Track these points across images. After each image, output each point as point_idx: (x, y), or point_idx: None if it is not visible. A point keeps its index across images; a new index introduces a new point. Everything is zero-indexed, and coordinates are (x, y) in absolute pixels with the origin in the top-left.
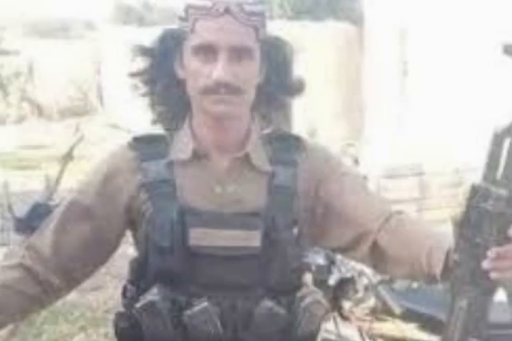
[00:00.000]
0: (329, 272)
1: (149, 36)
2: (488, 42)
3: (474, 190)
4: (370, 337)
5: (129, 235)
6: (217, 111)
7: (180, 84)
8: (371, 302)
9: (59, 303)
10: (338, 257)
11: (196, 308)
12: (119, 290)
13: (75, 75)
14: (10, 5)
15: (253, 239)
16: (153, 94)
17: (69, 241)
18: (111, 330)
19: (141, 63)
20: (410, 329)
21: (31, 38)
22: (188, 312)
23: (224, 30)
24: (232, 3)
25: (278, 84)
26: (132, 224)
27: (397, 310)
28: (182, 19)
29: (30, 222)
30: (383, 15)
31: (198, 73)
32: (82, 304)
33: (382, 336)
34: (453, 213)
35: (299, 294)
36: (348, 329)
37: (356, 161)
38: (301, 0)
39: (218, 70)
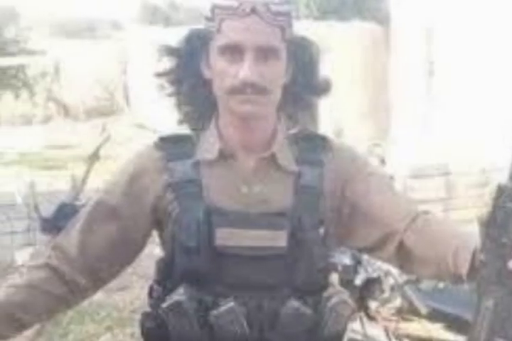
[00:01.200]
0: (355, 272)
1: (175, 36)
2: None
3: (500, 190)
4: (396, 337)
5: (155, 235)
6: (244, 111)
7: (207, 84)
8: (397, 302)
9: (85, 303)
10: (365, 257)
11: (222, 308)
12: (146, 290)
13: (102, 75)
14: (37, 5)
15: (279, 239)
16: (180, 94)
17: (95, 241)
18: (137, 330)
19: (167, 63)
20: (436, 329)
21: (58, 38)
22: (215, 312)
23: (250, 30)
24: (258, 3)
25: (304, 84)
26: (158, 224)
27: (424, 310)
28: (208, 19)
29: (56, 222)
30: (409, 15)
31: (224, 73)
32: (108, 304)
33: (408, 336)
34: (479, 213)
35: (325, 294)
36: (375, 329)
37: (383, 161)
38: (327, 0)
39: (245, 70)
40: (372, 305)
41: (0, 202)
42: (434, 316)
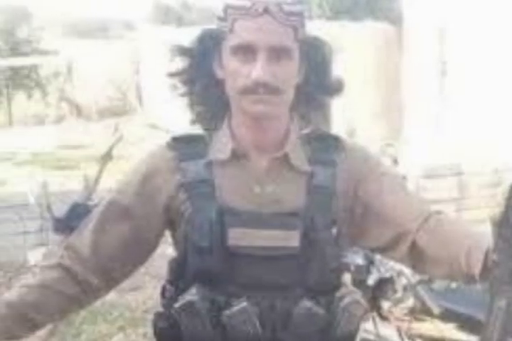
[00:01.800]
0: (368, 272)
1: (188, 36)
2: None
3: None
4: (408, 337)
5: (168, 235)
6: (256, 111)
7: (219, 84)
8: (410, 302)
9: (98, 303)
10: (377, 257)
11: (235, 308)
12: (158, 290)
13: (114, 75)
14: (50, 5)
15: (292, 239)
16: (192, 94)
17: (108, 241)
18: (150, 330)
19: (179, 63)
20: (449, 329)
21: (70, 38)
22: (227, 312)
23: (263, 30)
24: (271, 3)
25: (317, 84)
26: (171, 224)
27: (436, 310)
28: (221, 19)
29: (69, 221)
30: (422, 15)
31: (236, 73)
32: (121, 304)
33: (421, 336)
34: (492, 213)
35: (338, 294)
36: (387, 330)
37: (395, 161)
38: (339, 0)
39: (257, 70)
40: (385, 305)
41: (13, 202)
42: (446, 316)
